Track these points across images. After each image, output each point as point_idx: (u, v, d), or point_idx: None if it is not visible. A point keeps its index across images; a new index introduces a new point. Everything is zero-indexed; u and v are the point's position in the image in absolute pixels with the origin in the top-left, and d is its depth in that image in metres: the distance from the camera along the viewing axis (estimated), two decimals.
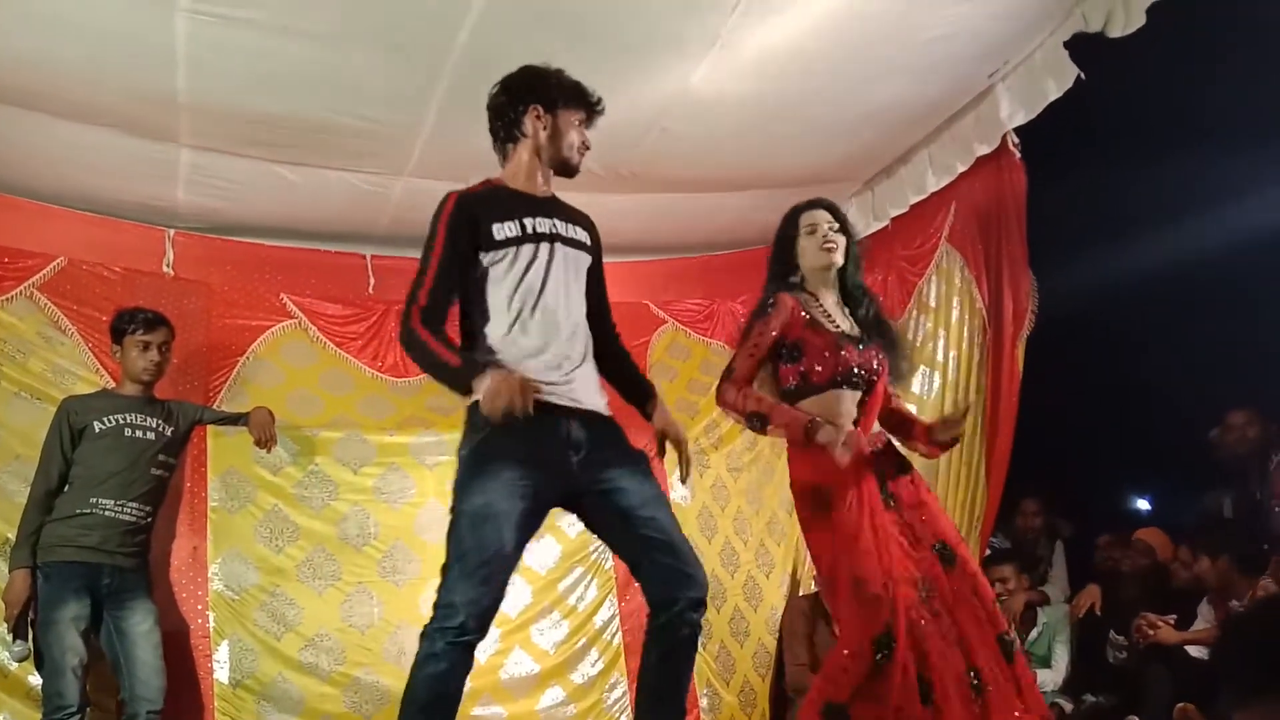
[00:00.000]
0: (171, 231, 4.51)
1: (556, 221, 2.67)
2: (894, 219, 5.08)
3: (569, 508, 2.61)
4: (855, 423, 2.98)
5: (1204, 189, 4.70)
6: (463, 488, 2.45)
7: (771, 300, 3.07)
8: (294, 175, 4.27)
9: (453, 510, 2.45)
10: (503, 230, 2.57)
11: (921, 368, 4.80)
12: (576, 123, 2.73)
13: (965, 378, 4.62)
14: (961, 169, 4.57)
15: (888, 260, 5.16)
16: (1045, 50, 4.00)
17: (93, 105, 3.73)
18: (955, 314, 4.75)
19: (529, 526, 2.47)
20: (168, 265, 4.48)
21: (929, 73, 4.10)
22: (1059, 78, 3.96)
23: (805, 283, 3.14)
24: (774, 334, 3.02)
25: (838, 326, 3.05)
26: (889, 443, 3.12)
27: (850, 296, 3.16)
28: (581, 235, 2.73)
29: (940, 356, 4.77)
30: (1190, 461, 4.35)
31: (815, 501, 2.94)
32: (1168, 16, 3.61)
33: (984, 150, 4.40)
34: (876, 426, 3.09)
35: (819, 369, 2.98)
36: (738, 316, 5.12)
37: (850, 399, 3.01)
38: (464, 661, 2.39)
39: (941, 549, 2.89)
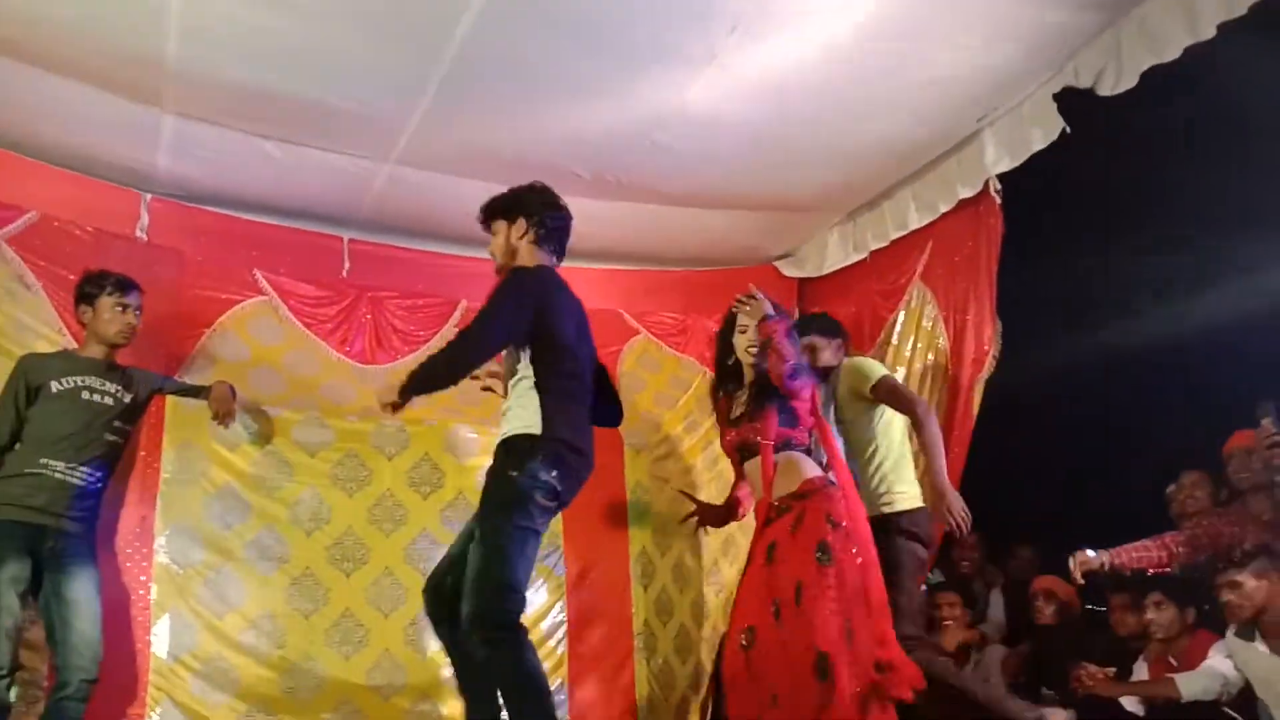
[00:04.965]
0: (148, 196, 4.45)
1: None
2: (872, 253, 5.12)
3: None
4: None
5: (1168, 268, 4.81)
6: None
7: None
8: (278, 151, 4.23)
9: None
10: None
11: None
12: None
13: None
14: (944, 209, 4.62)
15: (862, 293, 5.20)
16: (1034, 101, 4.06)
17: (81, 63, 3.68)
18: (919, 351, 4.80)
19: None
20: (141, 230, 4.42)
21: (920, 112, 4.15)
22: (1045, 129, 4.02)
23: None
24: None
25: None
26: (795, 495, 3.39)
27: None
28: None
29: None
30: (1144, 517, 4.40)
31: None
32: (1162, 82, 3.65)
33: (966, 193, 4.46)
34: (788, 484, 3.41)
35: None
36: (710, 333, 5.12)
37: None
38: None
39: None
